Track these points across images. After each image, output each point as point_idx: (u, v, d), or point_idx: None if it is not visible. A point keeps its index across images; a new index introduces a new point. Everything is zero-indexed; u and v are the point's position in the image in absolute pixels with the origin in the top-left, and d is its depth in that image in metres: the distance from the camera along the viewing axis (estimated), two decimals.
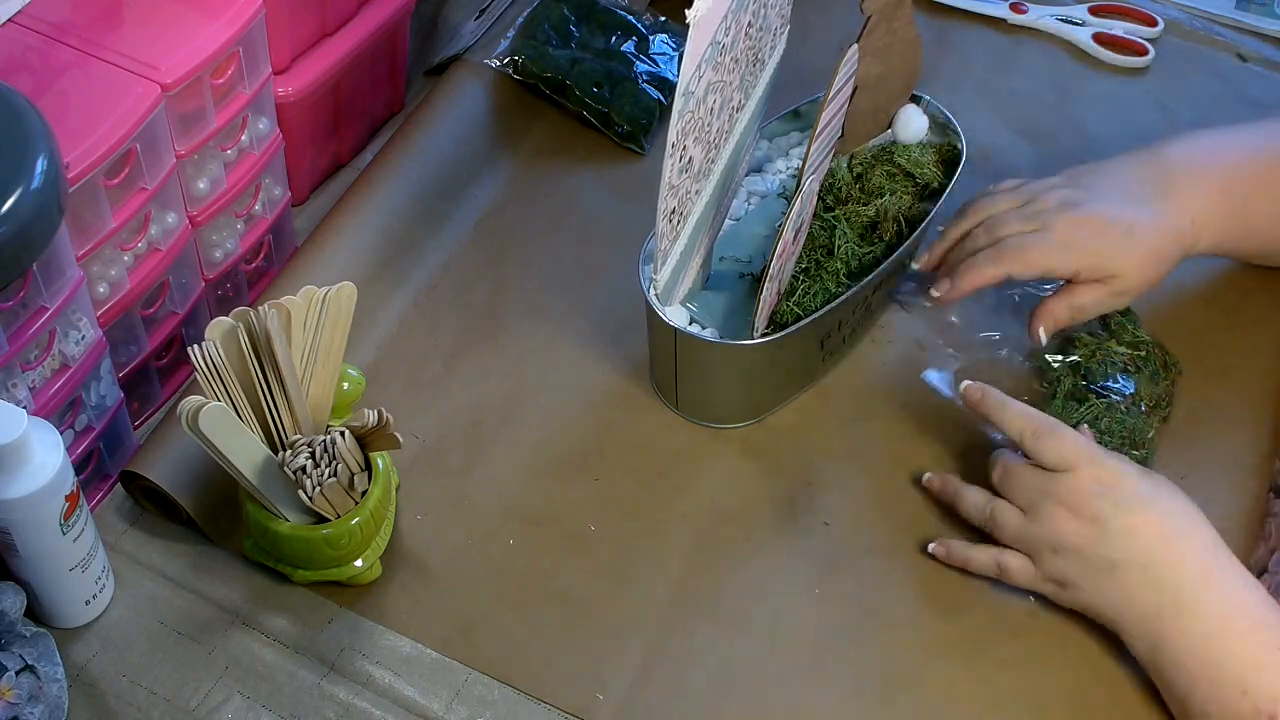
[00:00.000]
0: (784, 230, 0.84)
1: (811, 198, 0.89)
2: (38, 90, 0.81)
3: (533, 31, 1.16)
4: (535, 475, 0.92)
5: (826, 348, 0.96)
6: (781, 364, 0.93)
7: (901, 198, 0.97)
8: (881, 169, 0.98)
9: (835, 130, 0.91)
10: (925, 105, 1.01)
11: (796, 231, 0.88)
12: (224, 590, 0.86)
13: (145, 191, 0.85)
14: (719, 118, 0.85)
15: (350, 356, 0.87)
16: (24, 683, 0.78)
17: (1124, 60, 1.22)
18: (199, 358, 0.78)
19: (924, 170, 0.98)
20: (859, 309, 0.95)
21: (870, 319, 1.00)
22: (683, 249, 0.88)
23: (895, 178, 0.98)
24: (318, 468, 0.79)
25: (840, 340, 0.97)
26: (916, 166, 0.98)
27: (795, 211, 0.85)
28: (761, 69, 0.93)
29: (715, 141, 0.86)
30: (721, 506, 0.91)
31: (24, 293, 0.77)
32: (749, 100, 0.92)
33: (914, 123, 0.99)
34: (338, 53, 1.03)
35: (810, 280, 0.93)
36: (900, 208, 0.96)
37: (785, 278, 0.91)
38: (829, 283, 0.93)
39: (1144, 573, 0.80)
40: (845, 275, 0.93)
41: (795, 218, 0.85)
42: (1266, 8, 1.28)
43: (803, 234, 0.91)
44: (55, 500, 0.76)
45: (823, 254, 0.94)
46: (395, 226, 1.04)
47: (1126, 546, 0.80)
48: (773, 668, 0.84)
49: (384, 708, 0.82)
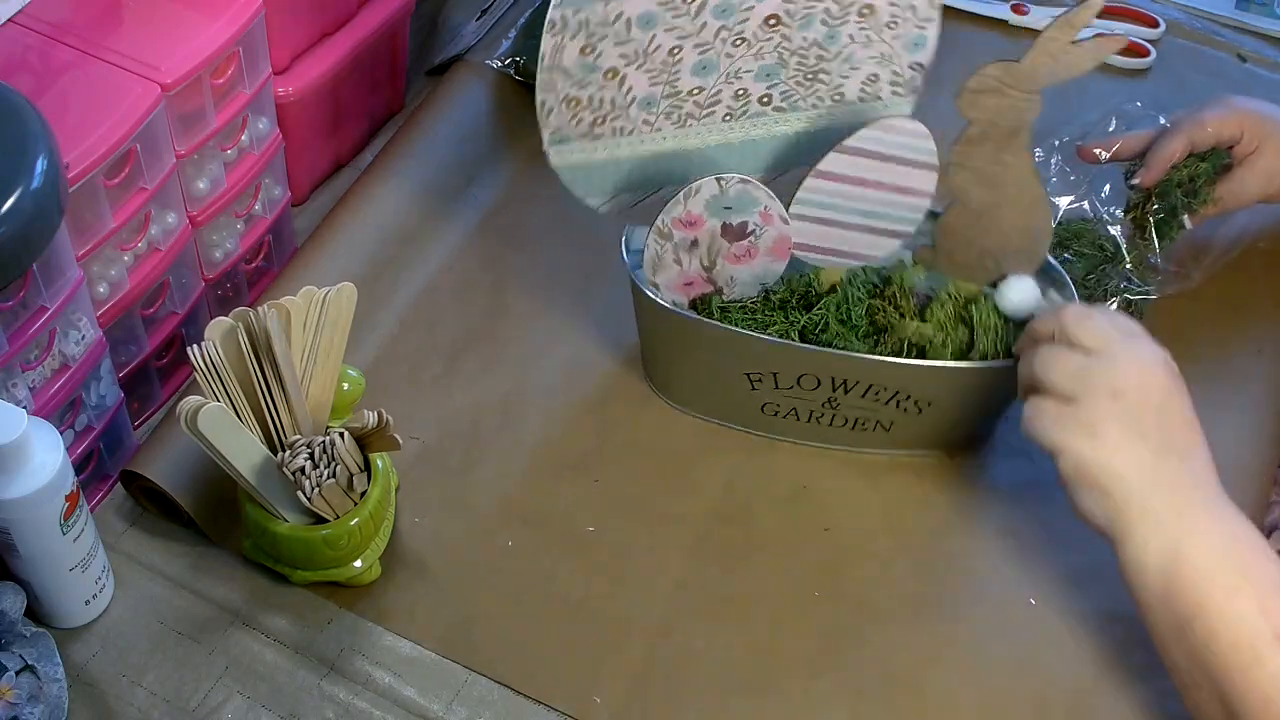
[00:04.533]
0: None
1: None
2: (38, 90, 0.81)
3: (534, 32, 1.15)
4: (535, 476, 0.92)
5: (758, 390, 0.90)
6: (712, 363, 0.91)
7: (939, 348, 0.88)
8: (945, 309, 0.89)
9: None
10: (1050, 281, 0.90)
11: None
12: (224, 590, 0.86)
13: (145, 191, 0.85)
14: (685, 71, 0.84)
15: (350, 356, 0.87)
16: (24, 683, 0.78)
17: (1125, 62, 1.22)
18: (198, 358, 0.78)
19: (987, 336, 0.88)
20: (794, 379, 0.89)
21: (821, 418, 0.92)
22: (613, 161, 0.88)
23: (953, 326, 0.89)
24: (316, 468, 0.79)
25: (783, 403, 0.91)
26: (984, 329, 0.88)
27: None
28: (822, 90, 0.87)
29: (670, 82, 0.84)
30: (721, 507, 0.91)
31: (24, 293, 0.77)
32: (789, 107, 0.88)
33: (1016, 296, 0.88)
34: (338, 53, 1.03)
35: (767, 309, 0.90)
36: (922, 346, 0.88)
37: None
38: (779, 323, 0.89)
39: (1184, 463, 0.78)
40: (799, 335, 0.89)
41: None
42: (1266, 8, 1.28)
43: None
44: (55, 500, 0.77)
45: (800, 303, 0.90)
46: (395, 226, 1.04)
47: (1187, 436, 0.78)
48: (772, 668, 0.84)
49: (384, 708, 0.82)
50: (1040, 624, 0.87)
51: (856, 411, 0.91)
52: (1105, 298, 1.00)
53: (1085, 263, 1.01)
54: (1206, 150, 0.99)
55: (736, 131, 0.90)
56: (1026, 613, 0.87)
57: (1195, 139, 0.98)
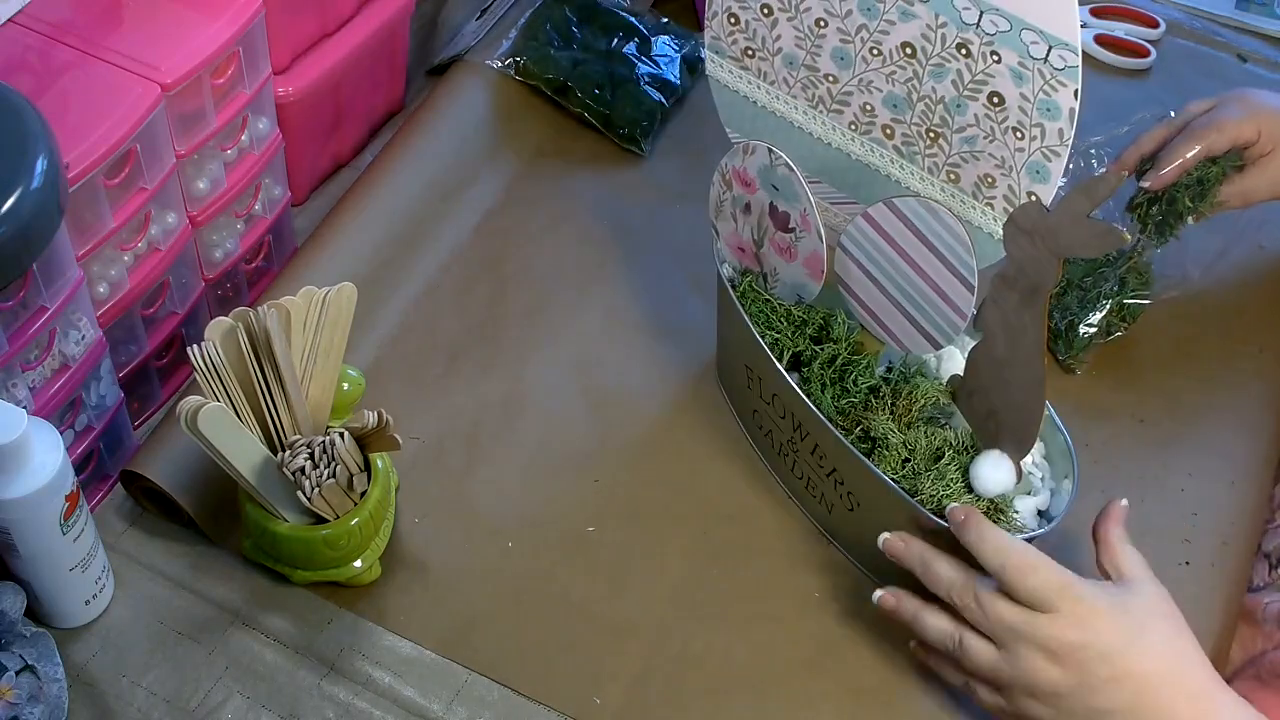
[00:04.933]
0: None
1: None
2: (38, 90, 0.81)
3: (534, 33, 1.16)
4: (535, 476, 0.92)
5: (753, 389, 0.89)
6: (730, 340, 0.91)
7: (888, 452, 0.83)
8: (924, 409, 0.85)
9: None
10: (1028, 468, 0.84)
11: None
12: (224, 590, 0.86)
13: (145, 191, 0.85)
14: (826, 52, 0.83)
15: (350, 356, 0.87)
16: (24, 683, 0.78)
17: (1126, 62, 1.22)
18: (198, 358, 0.78)
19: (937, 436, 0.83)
20: (775, 406, 0.88)
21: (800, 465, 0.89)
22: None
23: (921, 428, 0.84)
24: (316, 468, 0.79)
25: (766, 419, 0.90)
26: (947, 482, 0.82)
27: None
28: (939, 158, 0.83)
29: (811, 53, 0.83)
30: (721, 508, 0.91)
31: (24, 293, 0.77)
32: (907, 156, 0.84)
33: (990, 477, 0.81)
34: (338, 53, 1.03)
35: (788, 321, 0.89)
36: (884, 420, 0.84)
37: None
38: (785, 335, 0.88)
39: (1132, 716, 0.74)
40: (800, 370, 0.87)
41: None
42: (1266, 8, 1.28)
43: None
44: (55, 500, 0.76)
45: (819, 334, 0.89)
46: (395, 226, 1.04)
47: (1112, 696, 0.73)
48: (772, 671, 0.84)
49: (384, 708, 0.82)
50: None
51: (807, 468, 0.88)
52: (1099, 300, 0.99)
53: (1084, 264, 1.01)
54: (1220, 154, 0.98)
55: (857, 147, 0.87)
56: None
57: (1212, 145, 0.97)
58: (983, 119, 0.79)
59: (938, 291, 0.81)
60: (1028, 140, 0.77)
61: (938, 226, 0.79)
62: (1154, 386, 1.00)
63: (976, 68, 0.77)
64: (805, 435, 0.86)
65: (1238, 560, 0.92)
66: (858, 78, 0.83)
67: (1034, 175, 0.78)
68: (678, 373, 0.98)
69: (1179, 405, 0.98)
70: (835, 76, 0.84)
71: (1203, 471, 0.95)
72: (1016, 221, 0.74)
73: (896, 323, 0.85)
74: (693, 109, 1.17)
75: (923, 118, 0.81)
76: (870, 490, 0.83)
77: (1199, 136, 0.97)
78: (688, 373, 0.98)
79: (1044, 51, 0.73)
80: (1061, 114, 0.75)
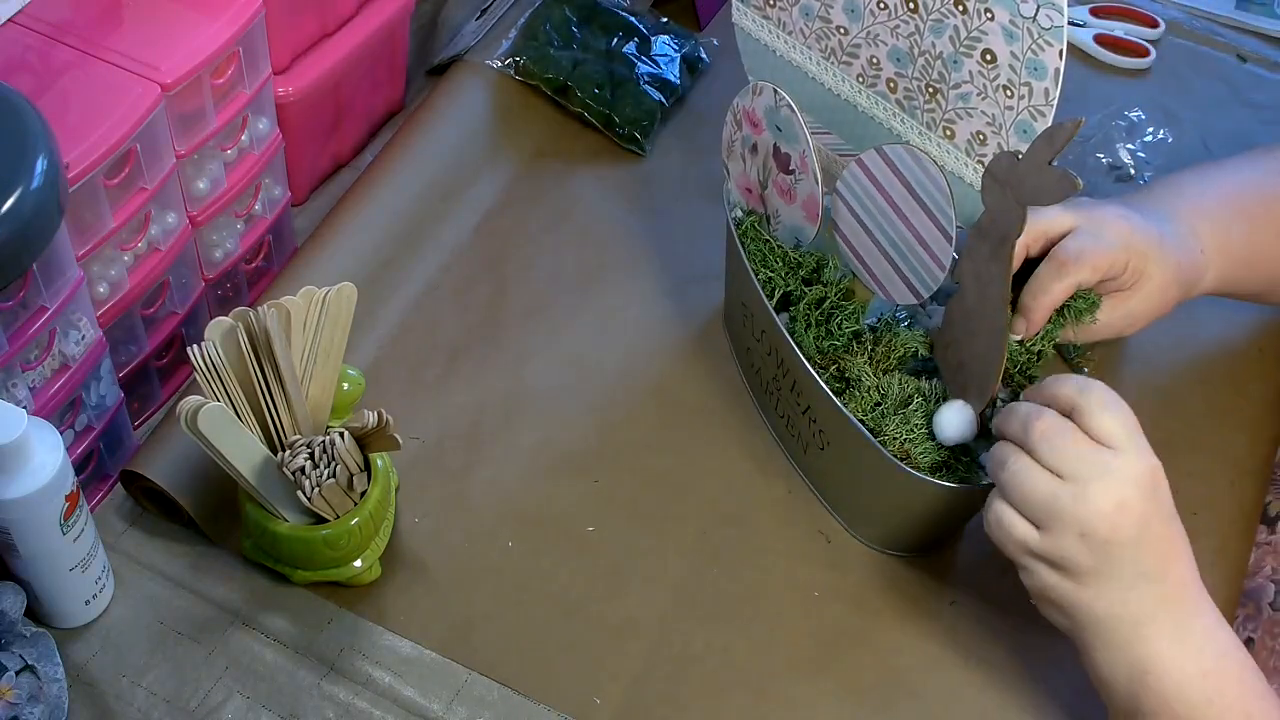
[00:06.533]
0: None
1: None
2: (38, 90, 0.81)
3: (534, 32, 1.16)
4: (534, 476, 0.92)
5: (747, 326, 0.91)
6: (731, 274, 0.94)
7: (860, 394, 0.85)
8: (903, 359, 0.86)
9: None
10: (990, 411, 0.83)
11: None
12: (224, 590, 0.86)
13: (145, 191, 0.85)
14: (838, 2, 0.85)
15: (350, 356, 0.87)
16: (24, 683, 0.78)
17: (1125, 62, 1.22)
18: (198, 358, 0.78)
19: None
20: (767, 347, 0.89)
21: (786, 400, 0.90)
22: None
23: (896, 375, 0.86)
24: (316, 468, 0.79)
25: (756, 355, 0.92)
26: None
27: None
28: (937, 113, 0.84)
29: (825, 4, 0.85)
30: (721, 508, 0.91)
31: (24, 293, 0.77)
32: (908, 110, 0.86)
33: (950, 423, 0.82)
34: (338, 53, 1.03)
35: (785, 263, 0.90)
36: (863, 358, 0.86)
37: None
38: (779, 275, 0.89)
39: (1157, 585, 0.75)
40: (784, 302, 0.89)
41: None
42: (1266, 8, 1.28)
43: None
44: (55, 500, 0.77)
45: (811, 275, 0.90)
46: (395, 226, 1.04)
47: (1163, 558, 0.74)
48: (772, 671, 0.84)
49: (384, 708, 0.82)
50: (1041, 625, 0.86)
51: (787, 406, 0.90)
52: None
53: None
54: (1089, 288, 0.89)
55: (863, 99, 0.88)
56: (1027, 614, 0.87)
57: (1081, 280, 0.86)
58: (976, 75, 0.81)
59: (920, 240, 0.83)
60: (1016, 99, 0.79)
61: (921, 174, 0.80)
62: (1154, 386, 1.00)
63: (972, 24, 0.79)
64: (786, 372, 0.88)
65: (1237, 560, 0.92)
66: (866, 30, 0.85)
67: (1021, 134, 0.80)
68: (678, 372, 0.98)
69: (1179, 405, 0.98)
70: (846, 28, 0.86)
71: (1203, 471, 0.95)
72: (992, 172, 0.76)
73: (882, 269, 0.86)
74: (693, 109, 1.17)
75: (923, 72, 0.83)
76: (838, 429, 0.85)
77: (1067, 272, 0.85)
78: (688, 372, 0.98)
79: (1033, 10, 0.75)
80: (1048, 73, 0.77)
